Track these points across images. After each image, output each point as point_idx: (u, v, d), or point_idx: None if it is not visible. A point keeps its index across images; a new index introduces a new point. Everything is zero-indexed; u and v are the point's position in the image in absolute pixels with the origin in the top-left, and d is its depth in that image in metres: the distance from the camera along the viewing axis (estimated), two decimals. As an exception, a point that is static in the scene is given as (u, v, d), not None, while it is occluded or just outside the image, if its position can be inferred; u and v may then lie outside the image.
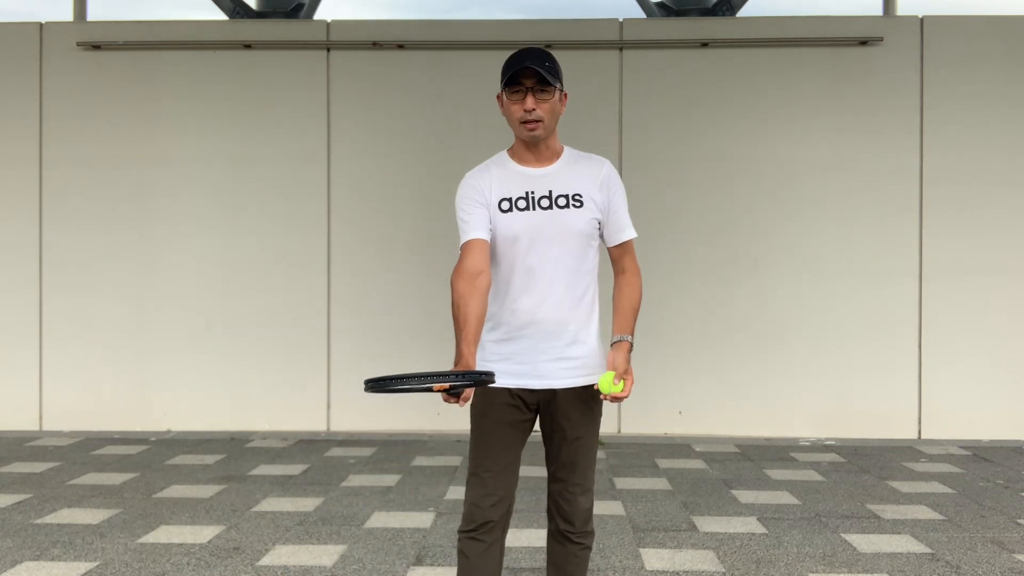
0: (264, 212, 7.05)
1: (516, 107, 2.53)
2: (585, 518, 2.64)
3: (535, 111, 2.51)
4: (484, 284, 2.46)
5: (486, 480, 2.56)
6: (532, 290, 2.55)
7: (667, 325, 6.93)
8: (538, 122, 2.52)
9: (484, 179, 2.59)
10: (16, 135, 7.09)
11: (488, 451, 2.58)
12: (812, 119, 6.94)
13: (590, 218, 2.59)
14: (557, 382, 2.57)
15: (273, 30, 7.18)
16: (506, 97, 2.55)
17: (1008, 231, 6.86)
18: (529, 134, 2.53)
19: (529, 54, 2.52)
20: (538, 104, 2.51)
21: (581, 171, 2.62)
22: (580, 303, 2.60)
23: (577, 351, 2.58)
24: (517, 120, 2.54)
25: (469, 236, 2.51)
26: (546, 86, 2.51)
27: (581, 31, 7.00)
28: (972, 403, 6.83)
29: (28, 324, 7.06)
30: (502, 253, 2.56)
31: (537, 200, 2.56)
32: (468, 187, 2.59)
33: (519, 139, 2.60)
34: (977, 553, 4.08)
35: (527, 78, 2.50)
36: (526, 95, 2.50)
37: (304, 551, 4.08)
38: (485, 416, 2.59)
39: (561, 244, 2.55)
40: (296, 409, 7.02)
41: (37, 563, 3.89)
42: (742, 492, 5.21)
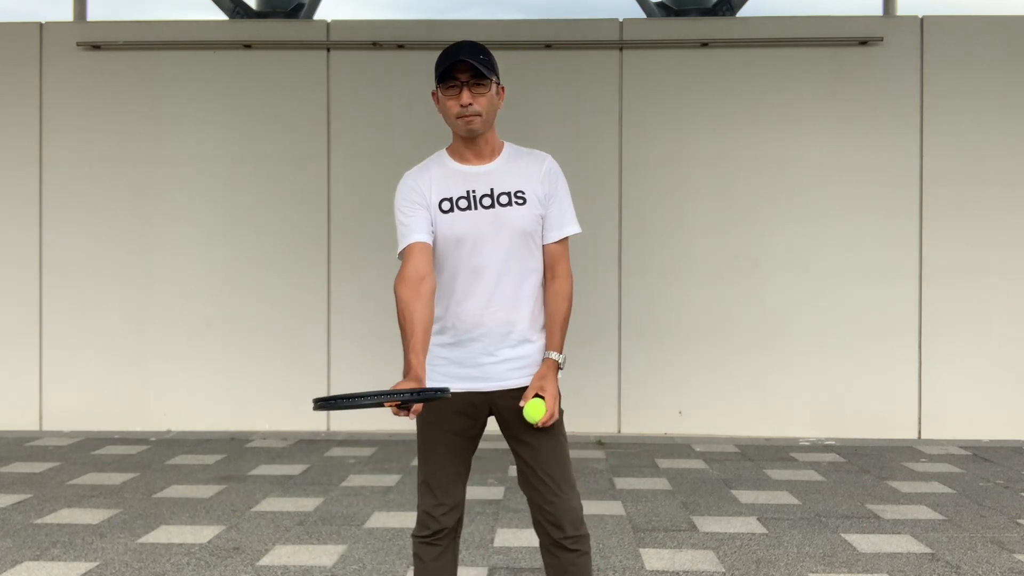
0: (264, 212, 7.05)
1: (452, 102, 2.45)
2: (574, 519, 2.50)
3: (472, 105, 2.43)
4: (428, 289, 2.39)
5: (435, 490, 2.52)
6: (478, 292, 2.48)
7: (667, 325, 6.93)
8: (475, 116, 2.44)
9: (423, 179, 2.52)
10: (16, 135, 7.10)
11: (437, 461, 2.53)
12: (812, 119, 6.94)
13: (534, 215, 2.51)
14: (506, 383, 2.51)
15: (273, 30, 7.18)
16: (441, 93, 2.47)
17: (1008, 231, 6.86)
18: (467, 127, 2.45)
19: (462, 48, 2.44)
20: (474, 98, 2.43)
21: (522, 167, 2.54)
22: (526, 302, 2.52)
23: (525, 350, 2.52)
24: (453, 115, 2.46)
25: (410, 240, 2.44)
26: (482, 79, 2.43)
27: (581, 31, 7.00)
28: (972, 403, 6.83)
29: (28, 324, 7.06)
30: (445, 255, 2.49)
31: (479, 199, 2.48)
32: (407, 188, 2.52)
33: (457, 136, 2.52)
34: (977, 553, 4.08)
35: (461, 72, 2.42)
36: (461, 90, 2.43)
37: (304, 551, 4.08)
38: (431, 425, 2.53)
39: (505, 242, 2.47)
40: (296, 409, 7.02)
41: (37, 563, 3.89)
42: (742, 492, 5.21)
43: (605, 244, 6.95)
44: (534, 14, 21.44)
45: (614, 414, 6.95)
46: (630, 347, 6.90)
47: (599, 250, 6.94)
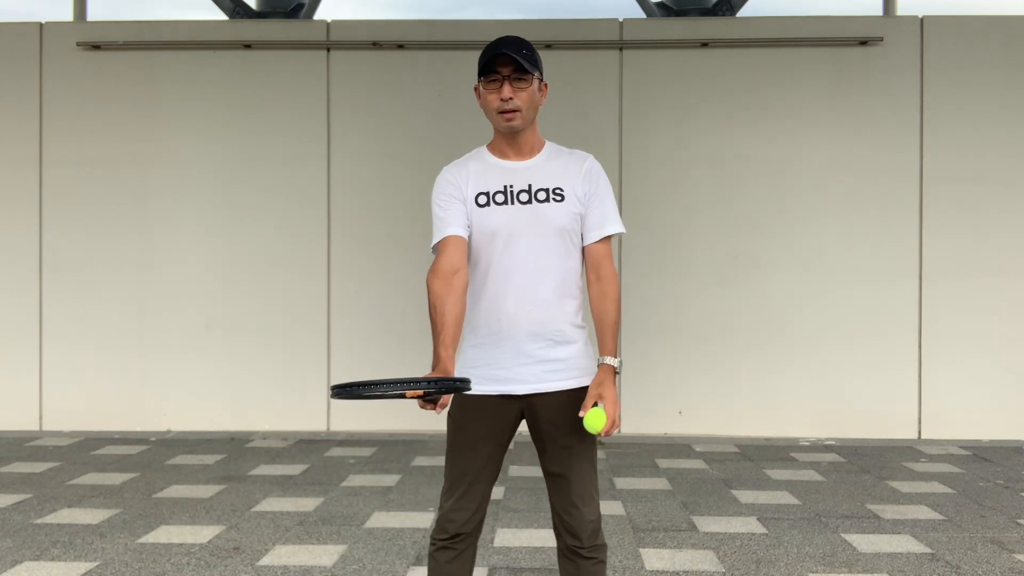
0: (264, 212, 7.05)
1: (493, 96, 2.40)
2: (592, 531, 2.46)
3: (512, 100, 2.38)
4: (461, 283, 2.34)
5: (461, 494, 2.45)
6: (511, 289, 2.41)
7: (667, 324, 6.93)
8: (515, 111, 2.39)
9: (461, 173, 2.47)
10: (16, 135, 7.10)
11: (464, 465, 2.46)
12: (812, 119, 6.94)
13: (572, 212, 2.44)
14: (543, 385, 2.43)
15: (273, 30, 7.18)
16: (483, 87, 2.43)
17: (1008, 231, 6.86)
18: (507, 124, 2.41)
19: (506, 42, 2.40)
20: (515, 93, 2.39)
21: (563, 165, 2.48)
22: (564, 302, 2.44)
23: (562, 352, 2.44)
24: (494, 110, 2.41)
25: (445, 232, 2.39)
26: (524, 74, 2.39)
27: (581, 31, 7.00)
28: (972, 403, 6.83)
29: (28, 324, 7.06)
30: (479, 250, 2.42)
31: (516, 194, 2.43)
32: (444, 182, 2.47)
33: (497, 131, 2.48)
34: (977, 553, 4.08)
35: (503, 66, 2.38)
36: (503, 84, 2.38)
37: (304, 551, 4.08)
38: (462, 429, 2.48)
39: (542, 239, 2.41)
40: (296, 409, 7.02)
41: (37, 563, 3.89)
42: (742, 492, 5.21)
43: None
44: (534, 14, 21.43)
45: (614, 414, 6.94)
46: (630, 347, 6.90)
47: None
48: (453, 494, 2.46)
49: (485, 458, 2.47)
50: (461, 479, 2.46)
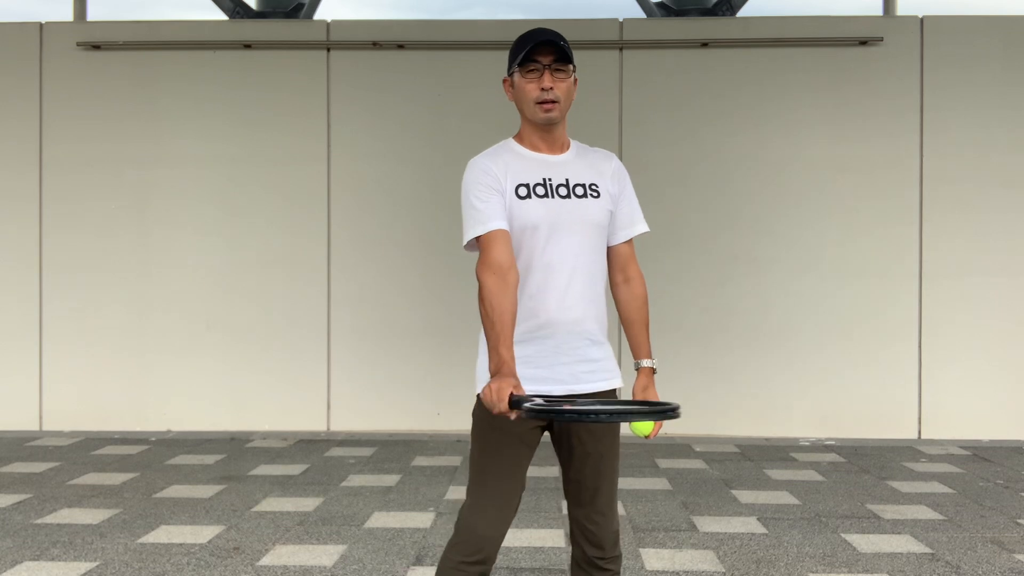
0: (264, 212, 7.05)
1: (531, 86, 2.33)
2: (614, 540, 2.40)
3: (552, 90, 2.31)
4: (515, 280, 2.25)
5: (496, 506, 2.29)
6: (552, 286, 2.32)
7: (667, 324, 6.92)
8: (555, 103, 2.32)
9: (498, 164, 2.35)
10: (16, 135, 7.09)
11: (499, 471, 2.31)
12: (812, 119, 6.94)
13: (607, 210, 2.40)
14: (579, 386, 2.34)
15: (273, 30, 7.18)
16: (520, 76, 2.34)
17: (1008, 231, 6.86)
18: (545, 115, 2.33)
19: (545, 32, 2.33)
20: (555, 83, 2.32)
21: (593, 162, 2.45)
22: (597, 301, 2.41)
23: (597, 353, 2.40)
24: (532, 100, 2.33)
25: (491, 226, 2.26)
26: (564, 64, 2.33)
27: (581, 31, 6.99)
28: (972, 403, 6.82)
29: (28, 324, 7.06)
30: (519, 246, 2.32)
31: (555, 187, 2.34)
32: (480, 171, 2.33)
33: (529, 124, 2.39)
34: (977, 553, 4.08)
35: (544, 55, 2.31)
36: (543, 73, 2.31)
37: (304, 551, 4.08)
38: (496, 430, 2.30)
39: (580, 235, 2.34)
40: (296, 409, 7.02)
41: (37, 563, 3.89)
42: (742, 492, 5.21)
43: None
44: (534, 14, 21.41)
45: (614, 414, 6.94)
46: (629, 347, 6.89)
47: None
48: (486, 506, 2.30)
49: (518, 462, 2.35)
50: (496, 488, 2.31)
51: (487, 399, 2.13)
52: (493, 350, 2.18)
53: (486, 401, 2.14)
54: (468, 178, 2.35)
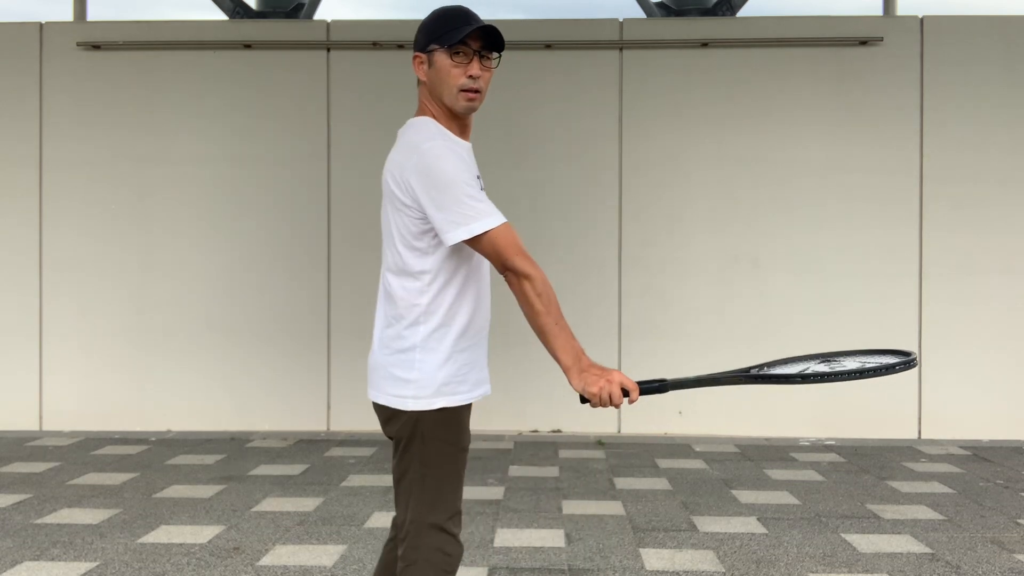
0: (264, 212, 7.05)
1: (458, 71, 2.19)
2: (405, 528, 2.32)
3: (479, 79, 2.20)
4: None
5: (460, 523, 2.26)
6: (486, 287, 2.31)
7: (667, 324, 6.93)
8: (479, 92, 2.22)
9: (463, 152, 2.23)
10: (16, 135, 7.09)
11: (459, 490, 2.25)
12: (812, 119, 6.93)
13: None
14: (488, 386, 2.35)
15: (273, 30, 7.18)
16: (446, 58, 2.19)
17: (1008, 231, 6.86)
18: (467, 104, 2.21)
19: (473, 15, 2.20)
20: (482, 72, 2.21)
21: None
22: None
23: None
24: (457, 87, 2.19)
25: (503, 217, 2.13)
26: (492, 53, 2.22)
27: (581, 31, 7.00)
28: (972, 403, 6.82)
29: (28, 324, 7.06)
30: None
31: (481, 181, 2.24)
32: (463, 161, 2.18)
33: (443, 108, 2.25)
34: (977, 553, 4.08)
35: (476, 40, 2.19)
36: (472, 59, 2.19)
37: (304, 551, 4.08)
38: (463, 450, 2.25)
39: None
40: (296, 409, 7.02)
41: (37, 563, 3.89)
42: (742, 492, 5.21)
43: (605, 244, 6.95)
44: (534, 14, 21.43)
45: (614, 414, 6.95)
46: (630, 347, 6.90)
47: (599, 250, 6.94)
48: (449, 525, 2.24)
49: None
50: (455, 507, 2.26)
51: (603, 397, 2.08)
52: (572, 339, 2.11)
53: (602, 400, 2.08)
54: (453, 164, 2.13)
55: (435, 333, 2.20)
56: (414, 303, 2.20)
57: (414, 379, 2.20)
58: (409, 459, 2.22)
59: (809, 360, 2.26)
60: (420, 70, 2.28)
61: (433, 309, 2.20)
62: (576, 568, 3.85)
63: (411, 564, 2.20)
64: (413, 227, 2.18)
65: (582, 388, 2.10)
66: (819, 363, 2.20)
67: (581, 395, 2.13)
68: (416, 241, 2.19)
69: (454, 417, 2.23)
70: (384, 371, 2.25)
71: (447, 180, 2.11)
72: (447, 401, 2.20)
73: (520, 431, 6.92)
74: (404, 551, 2.23)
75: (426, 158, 2.14)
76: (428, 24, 2.25)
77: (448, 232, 2.11)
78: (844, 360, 2.23)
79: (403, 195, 2.18)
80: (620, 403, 2.11)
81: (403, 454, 2.23)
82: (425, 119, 2.27)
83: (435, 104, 2.27)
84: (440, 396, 2.20)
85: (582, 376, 2.10)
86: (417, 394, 2.19)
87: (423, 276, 2.20)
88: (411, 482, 2.22)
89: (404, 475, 2.23)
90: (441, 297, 2.20)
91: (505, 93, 7.00)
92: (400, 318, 2.22)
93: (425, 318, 2.20)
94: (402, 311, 2.22)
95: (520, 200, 6.86)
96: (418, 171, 2.14)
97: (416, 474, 2.21)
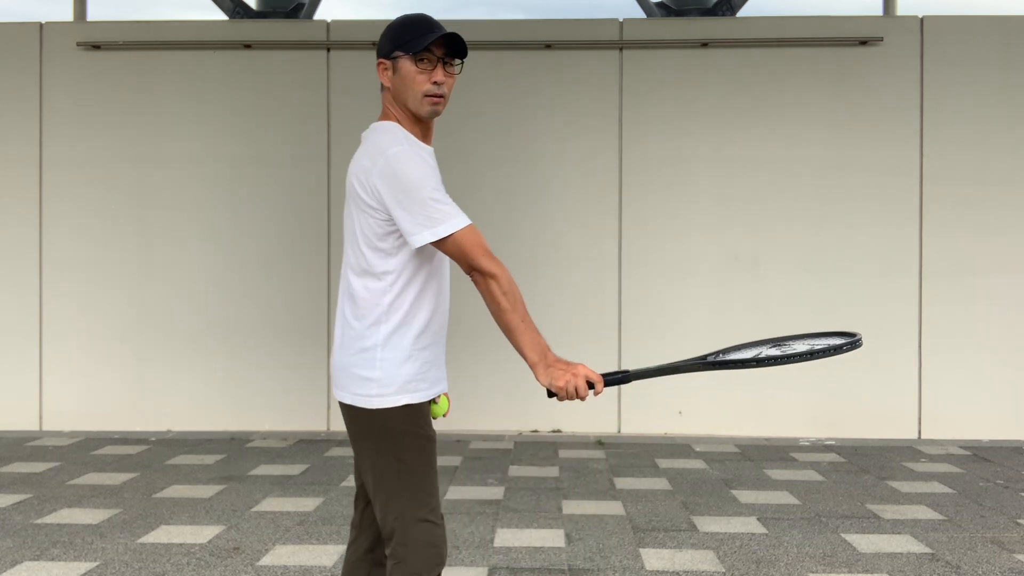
0: (264, 212, 7.05)
1: (423, 77, 2.24)
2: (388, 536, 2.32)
3: (443, 85, 2.26)
4: None
5: (440, 514, 2.30)
6: (446, 285, 2.36)
7: (667, 324, 6.93)
8: (443, 98, 2.28)
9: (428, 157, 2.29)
10: (16, 135, 7.09)
11: (435, 480, 2.30)
12: (812, 119, 6.93)
13: None
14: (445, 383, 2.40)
15: (273, 30, 7.18)
16: (410, 64, 2.24)
17: (1008, 231, 6.86)
18: (432, 109, 2.27)
19: (435, 22, 2.27)
20: (446, 78, 2.28)
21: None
22: None
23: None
24: (422, 93, 2.25)
25: (468, 219, 2.19)
26: (456, 60, 2.29)
27: (581, 31, 7.00)
28: (972, 403, 6.82)
29: (28, 324, 7.06)
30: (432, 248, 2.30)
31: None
32: (428, 165, 2.23)
33: (407, 113, 2.30)
34: (977, 553, 4.08)
35: (440, 47, 2.25)
36: (436, 66, 2.25)
37: (304, 551, 4.08)
38: (431, 440, 2.30)
39: None
40: (296, 409, 7.02)
41: (37, 563, 3.89)
42: (742, 492, 5.21)
43: (605, 244, 6.95)
44: (534, 14, 21.44)
45: (614, 414, 6.95)
46: (630, 347, 6.90)
47: (599, 250, 6.94)
48: (438, 516, 2.29)
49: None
50: (437, 497, 2.31)
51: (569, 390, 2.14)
52: (537, 336, 2.18)
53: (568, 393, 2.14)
54: (419, 167, 2.18)
55: (396, 332, 2.24)
56: (376, 303, 2.24)
57: (377, 377, 2.24)
58: (383, 457, 2.25)
59: (761, 345, 2.34)
60: (384, 76, 2.32)
61: (395, 308, 2.24)
62: (576, 568, 3.85)
63: (401, 561, 2.23)
64: (378, 228, 2.22)
65: (549, 383, 2.17)
66: (771, 347, 2.30)
67: (548, 389, 2.19)
68: (380, 242, 2.23)
69: (419, 411, 2.28)
70: (347, 371, 2.28)
71: (413, 184, 2.16)
72: (411, 398, 2.26)
73: (520, 431, 6.92)
74: (393, 548, 2.25)
75: (392, 163, 2.19)
76: (392, 31, 2.29)
77: (415, 235, 2.16)
78: (794, 343, 2.31)
79: (368, 198, 2.22)
80: (586, 395, 2.18)
81: (375, 456, 2.26)
82: (390, 123, 2.32)
83: (399, 109, 2.32)
84: (404, 393, 2.24)
85: (548, 371, 2.17)
86: (381, 392, 2.24)
87: (386, 276, 2.24)
88: (390, 480, 2.25)
89: (382, 475, 2.25)
90: (403, 297, 2.25)
91: (505, 93, 7.01)
92: (362, 317, 2.26)
93: (387, 317, 2.24)
94: (364, 311, 2.25)
95: (520, 200, 6.85)
96: (384, 175, 2.19)
97: (393, 471, 2.24)
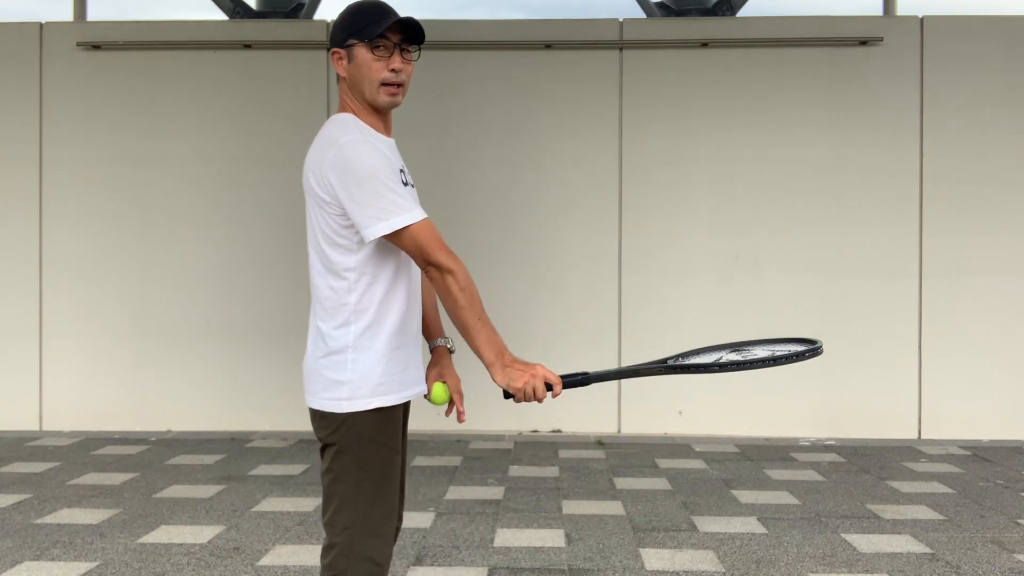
0: (264, 212, 7.05)
1: (379, 64, 2.15)
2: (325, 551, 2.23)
3: (401, 73, 2.18)
4: None
5: (392, 523, 2.20)
6: (416, 284, 2.27)
7: (667, 324, 6.93)
8: (401, 86, 2.20)
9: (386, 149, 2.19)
10: (16, 135, 7.09)
11: (394, 495, 2.20)
12: (812, 119, 6.93)
13: None
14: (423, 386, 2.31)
15: (273, 30, 7.18)
16: (366, 52, 2.15)
17: (1008, 231, 6.86)
18: (390, 99, 2.18)
19: (391, 8, 2.18)
20: (404, 65, 2.19)
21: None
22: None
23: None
24: (378, 81, 2.16)
25: (423, 213, 2.10)
26: (412, 46, 2.20)
27: (581, 31, 7.00)
28: (972, 403, 6.82)
29: (28, 324, 7.06)
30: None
31: (409, 177, 2.23)
32: (382, 156, 2.12)
33: (369, 106, 2.21)
34: (977, 553, 4.08)
35: (396, 33, 2.16)
36: (393, 53, 2.17)
37: (304, 551, 4.08)
38: (395, 451, 2.20)
39: None
40: (296, 409, 7.01)
41: (37, 563, 3.89)
42: (742, 492, 5.21)
43: (605, 244, 6.95)
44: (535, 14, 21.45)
45: (614, 414, 6.95)
46: (630, 347, 6.90)
47: (599, 250, 6.94)
48: (388, 526, 2.19)
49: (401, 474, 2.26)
50: (392, 512, 2.20)
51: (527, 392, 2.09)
52: (494, 334, 2.11)
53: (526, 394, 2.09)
54: (376, 161, 2.08)
55: (367, 332, 2.14)
56: (342, 302, 2.15)
57: (348, 380, 2.14)
58: (343, 464, 2.15)
59: (721, 350, 2.31)
60: (340, 66, 2.21)
61: (363, 307, 2.14)
62: (576, 568, 3.85)
63: (339, 574, 2.13)
64: (335, 223, 2.12)
65: (506, 384, 2.10)
66: (731, 352, 2.27)
67: (505, 390, 2.12)
68: (339, 238, 2.13)
69: (390, 417, 2.19)
70: (317, 375, 2.18)
71: (365, 174, 2.06)
72: (383, 401, 2.16)
73: (520, 431, 6.92)
74: (333, 558, 2.14)
75: (344, 152, 2.08)
76: (346, 19, 2.19)
77: (368, 227, 2.07)
78: (754, 349, 2.29)
79: (322, 191, 2.12)
80: (544, 397, 2.11)
81: (335, 458, 2.16)
82: (345, 115, 2.21)
83: (356, 100, 2.22)
84: (376, 396, 2.15)
85: (505, 371, 2.10)
86: (352, 395, 2.14)
87: (348, 274, 2.14)
88: (346, 487, 2.15)
89: (337, 480, 2.15)
90: (370, 295, 2.15)
91: (505, 93, 7.01)
92: (330, 319, 2.16)
93: (356, 317, 2.14)
94: (331, 311, 2.16)
95: (520, 200, 6.85)
96: (335, 166, 2.08)
97: (351, 479, 2.14)
